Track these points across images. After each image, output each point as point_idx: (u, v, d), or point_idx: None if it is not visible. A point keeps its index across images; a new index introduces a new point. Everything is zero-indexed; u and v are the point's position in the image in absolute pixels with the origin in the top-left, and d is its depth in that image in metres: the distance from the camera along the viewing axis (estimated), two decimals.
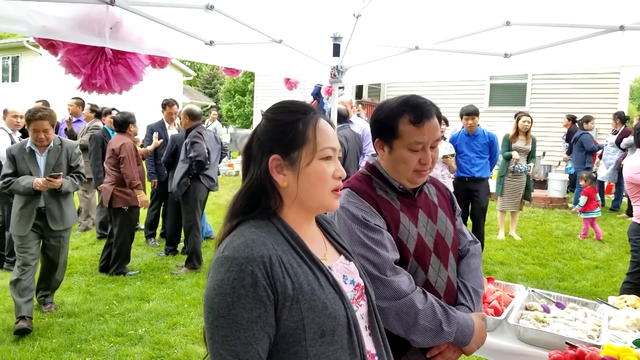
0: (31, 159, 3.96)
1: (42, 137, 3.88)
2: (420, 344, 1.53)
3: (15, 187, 3.86)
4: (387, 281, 1.49)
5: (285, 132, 1.15)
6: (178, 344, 3.69)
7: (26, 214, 3.92)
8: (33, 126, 3.84)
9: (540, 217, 8.59)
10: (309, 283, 1.07)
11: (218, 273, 1.04)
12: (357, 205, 1.57)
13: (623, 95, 11.86)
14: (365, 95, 14.22)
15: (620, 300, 2.56)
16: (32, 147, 3.95)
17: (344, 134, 5.07)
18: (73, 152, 4.16)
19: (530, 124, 6.68)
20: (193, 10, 2.36)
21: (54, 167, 4.00)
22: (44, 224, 3.98)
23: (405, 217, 1.62)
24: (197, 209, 5.44)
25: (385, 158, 1.66)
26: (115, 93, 2.33)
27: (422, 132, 1.57)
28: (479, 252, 1.87)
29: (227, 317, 1.01)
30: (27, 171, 3.92)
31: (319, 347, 1.06)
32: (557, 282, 5.26)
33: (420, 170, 1.61)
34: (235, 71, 3.52)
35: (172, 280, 5.11)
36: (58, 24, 2.04)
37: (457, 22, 2.74)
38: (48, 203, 3.98)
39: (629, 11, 2.33)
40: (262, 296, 1.02)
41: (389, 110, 1.63)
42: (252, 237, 1.07)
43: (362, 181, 1.68)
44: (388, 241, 1.55)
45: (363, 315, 1.22)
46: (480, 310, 1.74)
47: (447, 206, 1.82)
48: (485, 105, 12.49)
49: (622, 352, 1.78)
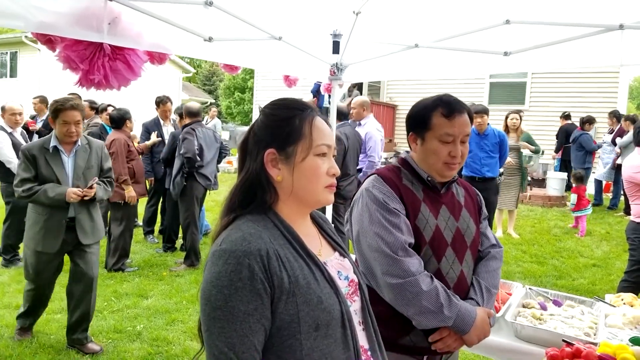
0: (56, 160, 3.30)
1: (73, 131, 3.26)
2: (421, 324, 1.61)
3: (40, 198, 3.20)
4: (397, 260, 1.59)
5: (282, 127, 1.17)
6: (176, 340, 3.70)
7: (53, 227, 3.30)
8: (63, 117, 3.22)
9: (538, 215, 8.60)
10: (304, 277, 1.09)
11: (215, 266, 1.05)
12: (380, 190, 1.69)
13: (622, 94, 11.87)
14: (365, 93, 14.22)
15: (617, 298, 2.56)
16: (57, 145, 3.30)
17: (344, 131, 5.07)
18: (103, 153, 3.58)
19: (519, 120, 6.83)
20: (192, 6, 2.35)
21: (83, 170, 3.39)
22: (71, 238, 3.36)
23: (426, 207, 1.72)
24: (194, 205, 5.43)
25: (418, 150, 1.77)
26: (113, 89, 2.33)
27: (453, 124, 1.68)
28: (500, 257, 1.92)
29: (223, 309, 1.02)
30: (51, 176, 3.26)
31: (313, 341, 1.07)
32: (554, 280, 5.27)
33: (450, 162, 1.70)
34: (234, 68, 3.52)
35: (171, 277, 5.11)
36: (56, 19, 2.04)
37: (456, 20, 2.73)
38: (78, 213, 3.36)
39: (629, 10, 2.33)
40: (259, 289, 1.03)
41: (424, 105, 1.76)
42: (249, 231, 1.09)
43: (391, 170, 1.80)
44: (404, 225, 1.65)
45: (356, 310, 1.24)
46: (491, 309, 1.79)
47: (473, 208, 1.89)
48: (485, 104, 12.48)
49: (618, 350, 1.79)
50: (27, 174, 3.24)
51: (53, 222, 3.30)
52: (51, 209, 3.27)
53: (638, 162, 3.85)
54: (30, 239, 3.35)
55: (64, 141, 3.31)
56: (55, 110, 3.24)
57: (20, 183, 3.23)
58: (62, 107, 3.22)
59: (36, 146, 3.30)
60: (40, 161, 3.25)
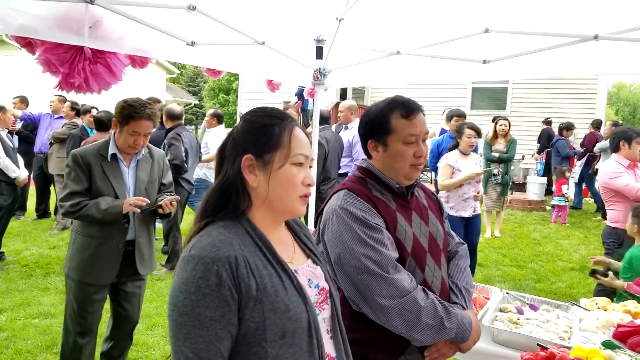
0: (114, 171, 2.70)
1: (141, 143, 2.69)
2: (422, 341, 1.55)
3: (90, 210, 2.57)
4: (390, 279, 1.51)
5: (261, 134, 1.18)
6: (157, 345, 3.67)
7: (108, 254, 2.68)
8: (135, 127, 2.62)
9: (518, 220, 8.73)
10: (273, 285, 1.10)
11: (184, 272, 1.06)
12: (356, 206, 1.60)
13: (601, 100, 12.13)
14: (350, 97, 14.27)
15: (591, 303, 2.62)
16: (117, 153, 2.72)
17: (324, 135, 5.09)
18: (165, 164, 3.00)
19: (507, 127, 6.93)
20: (175, 10, 2.34)
21: (146, 185, 2.81)
22: (126, 268, 2.75)
23: (401, 217, 1.66)
24: (177, 210, 5.40)
25: (381, 157, 1.70)
26: (94, 93, 2.31)
27: (414, 124, 1.65)
28: (466, 254, 1.93)
29: (190, 315, 1.03)
30: (108, 190, 2.66)
31: (278, 349, 1.08)
32: (533, 284, 5.36)
33: (416, 164, 1.67)
34: (217, 72, 3.52)
35: (152, 281, 5.06)
36: (36, 22, 2.02)
37: (437, 28, 2.77)
38: (139, 236, 2.77)
39: (604, 22, 2.39)
40: (226, 296, 1.04)
41: (378, 110, 1.70)
42: (219, 238, 1.10)
43: (358, 183, 1.71)
44: (388, 240, 1.59)
45: (326, 319, 1.25)
46: (472, 309, 1.78)
47: (436, 209, 1.87)
48: (467, 109, 12.64)
49: (591, 354, 1.84)
50: (79, 186, 2.62)
51: (108, 247, 2.68)
52: (107, 230, 2.66)
53: (613, 168, 3.94)
54: (74, 269, 2.68)
55: (124, 151, 2.72)
56: (127, 116, 2.62)
57: (69, 197, 2.61)
58: (136, 115, 2.61)
59: (91, 152, 2.67)
60: (95, 170, 2.65)
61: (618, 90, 48.12)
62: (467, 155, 4.74)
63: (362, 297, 1.55)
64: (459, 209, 4.71)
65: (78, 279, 2.68)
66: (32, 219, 7.45)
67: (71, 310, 2.73)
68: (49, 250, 5.93)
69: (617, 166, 3.93)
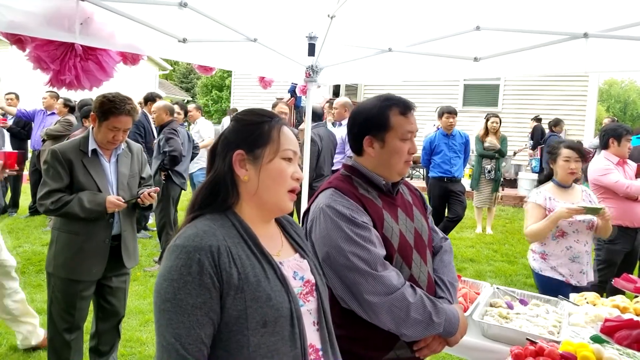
0: (95, 166, 2.68)
1: (120, 138, 2.70)
2: (411, 337, 1.58)
3: (73, 209, 2.55)
4: (378, 276, 1.53)
5: (251, 131, 1.23)
6: (150, 341, 3.67)
7: (95, 250, 2.68)
8: (114, 122, 2.61)
9: (509, 215, 8.79)
10: (255, 275, 1.13)
11: (168, 260, 1.10)
12: (343, 204, 1.61)
13: (592, 97, 12.20)
14: (343, 94, 14.27)
15: (580, 297, 2.66)
16: (97, 149, 2.70)
17: (317, 132, 5.10)
18: (143, 158, 3.01)
19: (498, 124, 6.99)
20: (166, 7, 2.34)
21: (128, 179, 2.81)
22: (113, 263, 2.76)
23: (387, 214, 1.69)
24: (170, 206, 5.43)
25: (376, 154, 1.71)
26: (85, 89, 2.30)
27: (410, 121, 1.70)
28: (450, 249, 1.96)
29: (172, 302, 1.06)
30: (91, 185, 2.64)
31: (260, 337, 1.11)
32: (524, 279, 5.41)
33: (408, 160, 1.72)
34: (208, 69, 3.51)
35: (145, 277, 5.06)
36: (26, 18, 2.00)
37: (429, 26, 2.79)
38: (124, 230, 2.79)
39: (593, 19, 2.41)
40: (207, 283, 1.07)
41: (376, 106, 1.71)
42: (203, 229, 1.14)
43: (344, 181, 1.73)
44: (375, 238, 1.60)
45: (311, 310, 1.27)
46: (457, 303, 1.81)
47: (420, 205, 1.90)
48: (459, 106, 12.69)
49: (579, 348, 1.87)
50: (58, 184, 2.58)
51: (94, 242, 2.67)
52: (91, 226, 2.64)
53: (603, 165, 3.99)
54: (61, 267, 2.66)
55: (103, 146, 2.72)
56: (106, 111, 2.61)
57: (48, 195, 2.57)
58: (116, 111, 2.60)
59: (71, 148, 2.64)
60: (77, 167, 2.61)
61: (609, 87, 48.42)
62: (566, 189, 3.22)
63: (351, 295, 1.57)
64: (565, 274, 3.09)
65: (65, 277, 2.67)
66: (24, 216, 7.40)
67: (57, 307, 2.73)
68: (41, 247, 5.90)
69: (606, 163, 3.97)
